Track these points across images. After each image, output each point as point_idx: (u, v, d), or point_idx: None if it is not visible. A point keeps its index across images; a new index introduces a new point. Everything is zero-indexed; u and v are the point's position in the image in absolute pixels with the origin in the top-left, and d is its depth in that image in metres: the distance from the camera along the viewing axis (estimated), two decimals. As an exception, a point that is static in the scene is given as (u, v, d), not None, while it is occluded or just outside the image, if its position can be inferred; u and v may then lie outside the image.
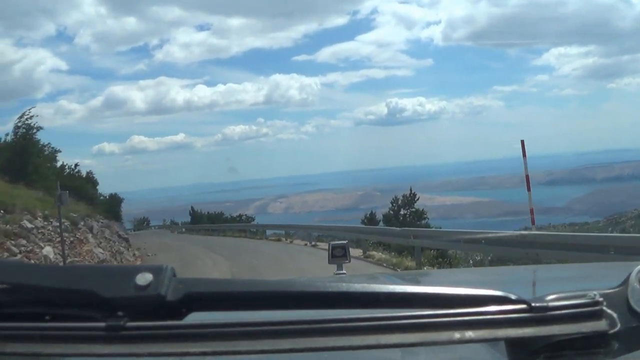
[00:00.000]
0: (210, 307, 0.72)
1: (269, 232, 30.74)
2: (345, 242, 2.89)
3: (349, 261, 2.81)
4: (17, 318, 0.69)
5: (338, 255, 2.73)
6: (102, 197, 62.49)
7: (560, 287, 0.96)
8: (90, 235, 17.83)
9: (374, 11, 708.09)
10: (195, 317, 0.69)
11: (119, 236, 24.96)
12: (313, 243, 22.45)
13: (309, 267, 14.38)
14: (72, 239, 16.32)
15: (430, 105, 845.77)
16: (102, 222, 24.60)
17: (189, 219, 59.79)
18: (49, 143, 39.97)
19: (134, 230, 69.42)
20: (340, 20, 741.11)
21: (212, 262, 17.89)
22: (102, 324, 0.65)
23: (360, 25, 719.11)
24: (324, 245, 18.96)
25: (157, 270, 0.69)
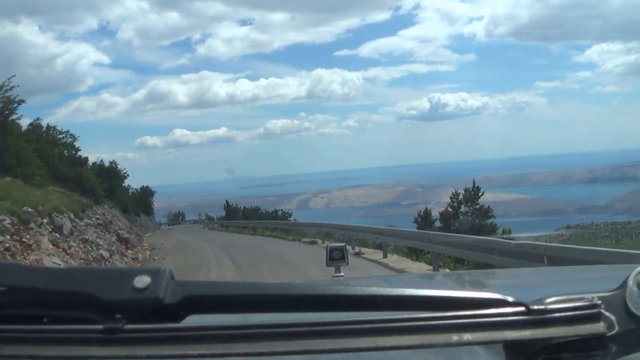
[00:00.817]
0: (208, 310, 0.70)
1: (307, 230, 25.25)
2: (343, 244, 2.73)
3: (348, 264, 2.66)
4: (14, 320, 0.68)
5: (336, 258, 2.63)
6: (133, 190, 59.20)
7: (558, 289, 0.89)
8: (47, 238, 12.49)
9: (416, 6, 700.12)
10: (193, 320, 0.68)
11: (118, 237, 19.76)
12: (356, 250, 16.93)
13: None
14: (12, 244, 10.94)
15: (473, 100, 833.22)
16: (96, 219, 19.42)
17: (223, 213, 54.99)
18: (55, 126, 35.20)
19: (169, 225, 65.57)
20: (382, 16, 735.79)
21: (218, 273, 14.35)
22: (100, 327, 0.65)
23: (402, 21, 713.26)
24: (372, 255, 16.14)
25: (155, 273, 0.67)
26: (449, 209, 27.28)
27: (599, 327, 0.64)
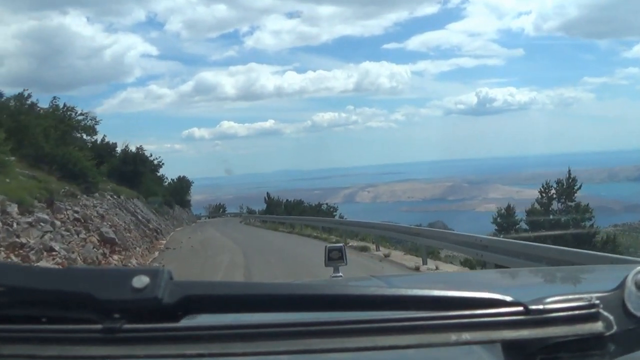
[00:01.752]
0: (206, 310, 0.70)
1: (353, 228, 19.16)
2: (341, 244, 2.69)
3: (346, 264, 2.60)
4: (13, 320, 0.67)
5: (334, 258, 2.57)
6: (169, 181, 54.65)
7: (557, 289, 1.01)
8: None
9: (465, 0, 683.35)
10: (191, 320, 0.68)
11: (101, 238, 14.18)
12: (433, 269, 10.85)
13: None
14: None
15: (521, 95, 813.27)
16: (72, 213, 13.90)
17: (264, 206, 49.57)
18: (73, 106, 30.11)
19: (209, 217, 60.84)
20: (430, 9, 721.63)
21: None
22: (99, 326, 0.64)
23: (450, 14, 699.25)
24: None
25: (153, 273, 0.67)
26: (536, 205, 20.80)
27: (598, 327, 0.63)
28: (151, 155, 47.16)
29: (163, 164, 48.19)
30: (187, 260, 15.54)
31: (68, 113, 32.27)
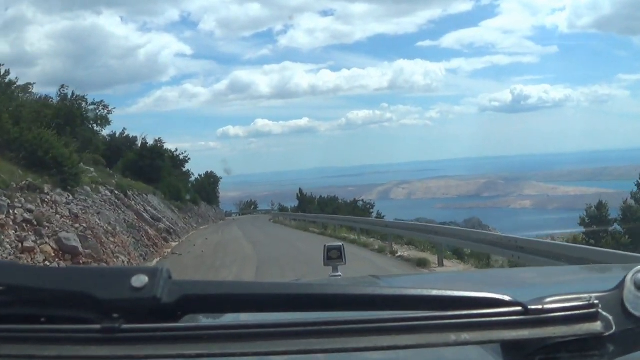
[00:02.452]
0: (205, 310, 0.70)
1: (396, 231, 14.60)
2: (340, 244, 2.52)
3: (345, 263, 2.44)
4: (12, 320, 0.66)
5: (334, 258, 2.43)
6: (196, 177, 51.08)
7: (556, 289, 0.90)
8: None
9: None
10: (190, 320, 0.67)
11: (59, 246, 10.09)
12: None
13: None
14: None
15: (555, 92, 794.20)
16: (22, 212, 9.84)
17: (297, 203, 45.51)
18: (84, 95, 26.79)
19: (239, 214, 57.11)
20: (464, 6, 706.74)
21: None
22: (98, 326, 0.63)
23: (484, 11, 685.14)
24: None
25: (152, 273, 0.66)
26: (630, 200, 16.00)
27: (597, 327, 0.62)
28: (176, 150, 43.61)
29: (189, 159, 44.45)
30: (182, 273, 11.37)
31: (77, 102, 28.69)
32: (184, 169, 43.65)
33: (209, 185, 48.04)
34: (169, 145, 35.92)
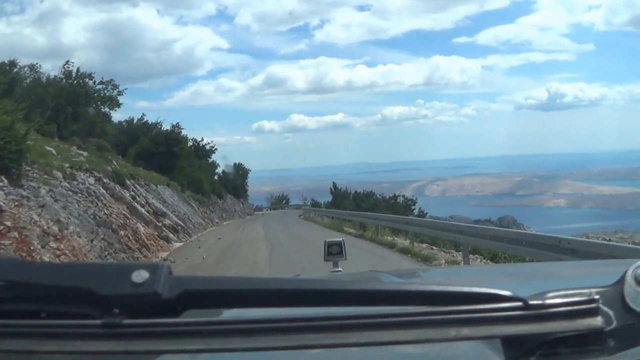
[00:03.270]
0: (206, 305, 0.68)
1: (464, 239, 9.64)
2: (341, 239, 2.48)
3: (345, 259, 2.40)
4: (12, 315, 0.65)
5: (334, 253, 2.39)
6: (223, 169, 47.00)
7: (557, 284, 0.88)
8: None
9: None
10: (191, 315, 0.65)
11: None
12: None
13: None
14: None
15: (591, 91, 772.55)
16: None
17: (330, 198, 41.80)
18: (91, 73, 25.29)
19: (270, 209, 52.89)
20: (500, 3, 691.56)
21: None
22: (98, 322, 0.62)
23: (521, 8, 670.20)
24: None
25: (153, 268, 0.64)
26: None
27: (597, 322, 0.61)
28: (201, 139, 39.47)
29: (216, 149, 40.23)
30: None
31: (81, 81, 24.64)
32: (210, 160, 39.57)
33: (236, 178, 43.79)
34: (195, 135, 31.76)
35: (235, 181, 42.96)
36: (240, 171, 45.72)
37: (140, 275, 0.62)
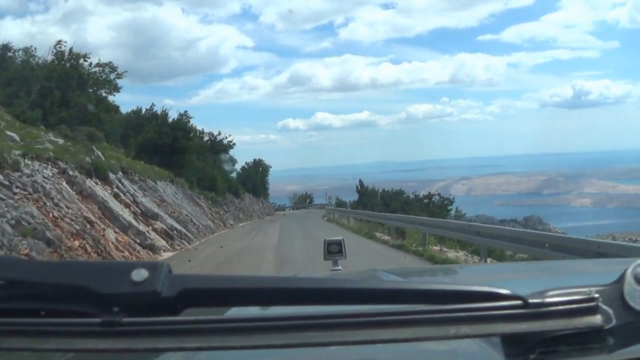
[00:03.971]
0: (205, 303, 0.67)
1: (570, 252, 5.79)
2: (341, 238, 2.34)
3: (345, 257, 2.30)
4: (12, 313, 0.64)
5: (334, 252, 2.28)
6: (244, 165, 43.37)
7: (556, 283, 0.88)
8: None
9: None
10: (190, 313, 0.65)
11: None
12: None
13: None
14: None
15: (616, 88, 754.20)
16: None
17: (356, 197, 38.12)
18: (87, 54, 21.92)
19: (292, 209, 49.13)
20: (525, 0, 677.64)
21: None
22: (98, 320, 0.61)
23: (545, 5, 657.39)
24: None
25: (152, 267, 0.63)
26: None
27: (596, 320, 0.60)
28: (219, 133, 35.83)
29: (234, 144, 36.55)
30: None
31: (75, 62, 21.13)
32: (228, 155, 35.91)
33: (256, 175, 39.98)
34: (210, 129, 28.14)
35: (255, 178, 39.15)
36: (260, 167, 41.85)
37: (140, 274, 0.61)
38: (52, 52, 21.05)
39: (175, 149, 23.16)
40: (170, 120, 25.28)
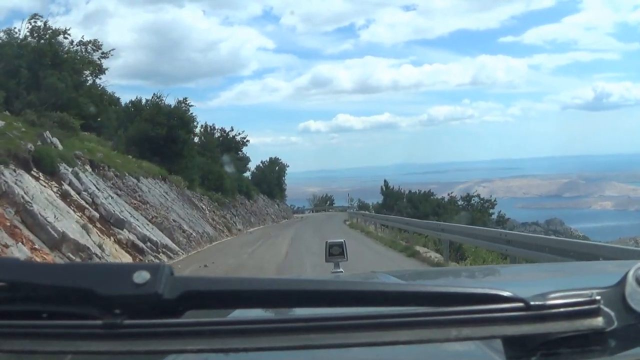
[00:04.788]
0: (207, 305, 0.67)
1: None
2: (342, 240, 2.28)
3: (347, 259, 2.25)
4: (14, 316, 0.63)
5: (335, 254, 2.24)
6: (259, 164, 39.54)
7: (558, 285, 0.88)
8: None
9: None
10: (192, 315, 0.64)
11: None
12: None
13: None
14: None
15: (637, 90, 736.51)
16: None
17: (380, 199, 34.43)
18: (65, 29, 18.13)
19: (312, 211, 45.12)
20: (546, 2, 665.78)
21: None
22: (100, 322, 0.60)
23: (566, 7, 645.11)
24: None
25: (154, 269, 0.62)
26: None
27: (598, 322, 0.59)
28: (231, 129, 31.97)
29: (247, 141, 32.63)
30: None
31: (53, 39, 17.38)
32: (240, 154, 32.05)
33: (272, 175, 35.95)
34: (223, 125, 24.24)
35: (270, 178, 35.09)
36: (276, 167, 37.73)
37: (142, 276, 0.60)
38: (27, 27, 17.36)
39: (172, 142, 19.23)
40: (166, 106, 20.91)
